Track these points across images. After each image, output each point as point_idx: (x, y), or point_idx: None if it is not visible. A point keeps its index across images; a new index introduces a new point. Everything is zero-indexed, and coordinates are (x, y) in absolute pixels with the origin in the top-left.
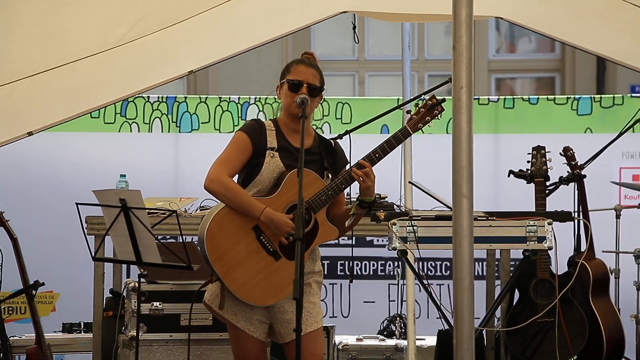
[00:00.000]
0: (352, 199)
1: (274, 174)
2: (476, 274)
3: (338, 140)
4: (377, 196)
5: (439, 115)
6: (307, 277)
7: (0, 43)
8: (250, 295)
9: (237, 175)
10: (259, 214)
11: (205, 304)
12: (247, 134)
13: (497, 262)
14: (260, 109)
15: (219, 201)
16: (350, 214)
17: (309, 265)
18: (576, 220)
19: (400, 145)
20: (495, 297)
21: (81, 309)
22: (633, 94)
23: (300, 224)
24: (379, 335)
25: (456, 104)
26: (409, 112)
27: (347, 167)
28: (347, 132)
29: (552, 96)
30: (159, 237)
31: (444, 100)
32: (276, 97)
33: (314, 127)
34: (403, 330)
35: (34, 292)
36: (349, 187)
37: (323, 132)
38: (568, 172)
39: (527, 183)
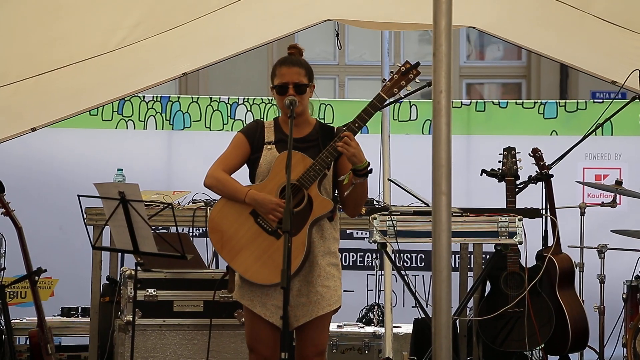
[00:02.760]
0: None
1: (271, 164)
2: (454, 265)
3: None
4: (367, 164)
5: (417, 79)
6: (318, 258)
7: (6, 45)
8: (258, 276)
9: (244, 172)
10: (244, 197)
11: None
12: (244, 133)
13: (469, 255)
14: (248, 109)
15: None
16: (340, 179)
17: (319, 245)
18: (544, 217)
19: (379, 144)
20: (468, 289)
21: (79, 295)
22: (595, 100)
23: (288, 218)
24: (358, 323)
25: (436, 107)
26: (383, 80)
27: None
28: (348, 126)
29: (520, 100)
30: (154, 228)
31: (418, 64)
32: (262, 98)
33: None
34: (380, 318)
35: (36, 278)
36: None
37: None
38: (536, 171)
39: (498, 181)
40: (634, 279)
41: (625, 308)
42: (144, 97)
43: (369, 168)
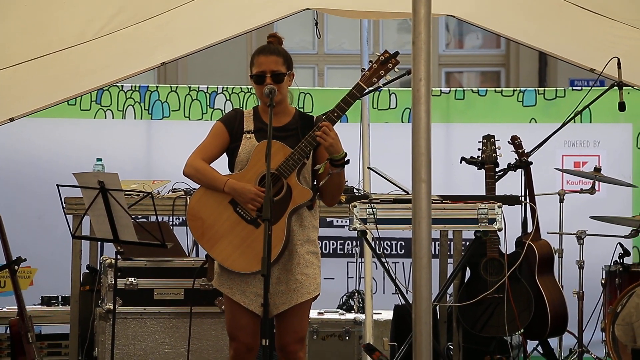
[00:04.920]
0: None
1: (250, 153)
2: (434, 252)
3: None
4: (344, 154)
5: (396, 68)
6: (297, 246)
7: None
8: (237, 265)
9: (223, 161)
10: (223, 186)
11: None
12: (223, 122)
13: (449, 242)
14: (228, 98)
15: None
16: (315, 168)
17: (299, 234)
18: (523, 204)
19: (359, 133)
20: (448, 275)
21: (58, 284)
22: (573, 87)
23: (268, 206)
24: (338, 310)
25: (415, 95)
26: (362, 69)
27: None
28: (327, 115)
29: (500, 88)
30: (134, 217)
31: (397, 53)
32: (241, 87)
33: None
34: (361, 305)
35: (16, 267)
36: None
37: None
38: (516, 159)
39: (477, 169)
40: (612, 264)
41: (604, 293)
42: (122, 86)
43: (346, 158)
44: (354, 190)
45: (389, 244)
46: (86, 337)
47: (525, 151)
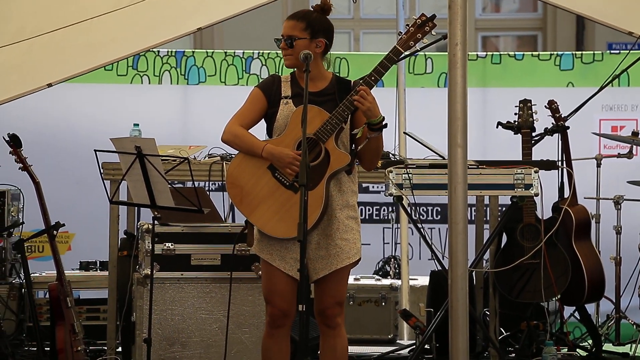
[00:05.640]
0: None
1: (288, 118)
2: (470, 218)
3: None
4: (382, 118)
5: (432, 31)
6: (336, 211)
7: (19, 1)
8: (276, 230)
9: (262, 127)
10: (261, 151)
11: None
12: (260, 88)
13: (486, 208)
14: (263, 63)
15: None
16: (353, 133)
17: (337, 198)
18: (560, 169)
19: (395, 98)
20: (485, 241)
21: (96, 249)
22: (611, 51)
23: (304, 171)
24: (374, 276)
25: (452, 59)
26: (399, 33)
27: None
28: (364, 79)
29: (537, 52)
30: (170, 182)
31: (434, 16)
32: (277, 52)
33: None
34: (397, 270)
35: (55, 232)
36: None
37: None
38: (552, 123)
39: (514, 134)
40: None
41: None
42: (158, 52)
43: (383, 122)
44: (390, 155)
45: (425, 209)
46: (124, 302)
47: (562, 116)
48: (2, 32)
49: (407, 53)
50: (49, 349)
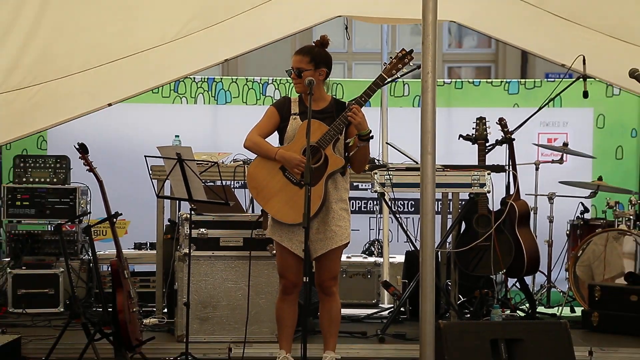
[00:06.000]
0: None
1: (295, 130)
2: (437, 209)
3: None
4: (370, 131)
5: (410, 62)
6: (332, 204)
7: (86, 37)
8: (286, 217)
9: (276, 137)
10: (274, 155)
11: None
12: (275, 106)
13: (449, 202)
14: (276, 87)
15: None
16: (347, 142)
17: (334, 194)
18: (507, 172)
19: (379, 115)
20: (448, 227)
21: (146, 233)
22: (548, 79)
23: (308, 172)
24: (362, 254)
25: (424, 85)
26: (384, 64)
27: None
28: (355, 100)
29: (490, 80)
30: (203, 181)
31: (412, 50)
32: (287, 78)
33: (330, 92)
34: (380, 250)
35: (114, 220)
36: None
37: None
38: (502, 136)
39: (472, 144)
40: (575, 219)
41: (568, 241)
42: (194, 78)
43: (370, 134)
44: (375, 160)
45: (402, 203)
46: (168, 274)
47: (509, 130)
48: (71, 64)
49: (389, 80)
50: (111, 309)
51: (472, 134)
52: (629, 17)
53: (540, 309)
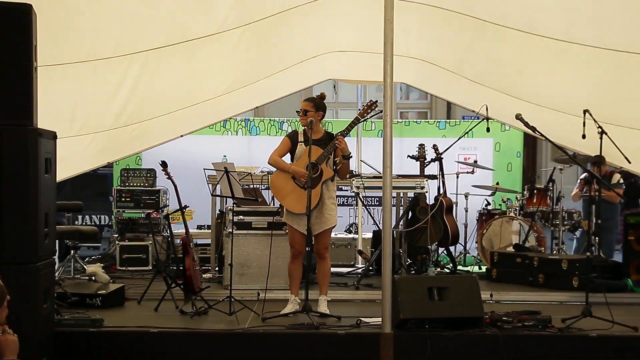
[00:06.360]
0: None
1: (301, 152)
2: (393, 203)
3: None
4: (350, 153)
5: (376, 108)
6: (325, 200)
7: (167, 92)
8: (295, 209)
9: (289, 156)
10: (288, 169)
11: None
12: (288, 137)
13: (401, 198)
14: (289, 125)
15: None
16: (335, 160)
17: (326, 194)
18: (438, 179)
19: (356, 142)
20: (400, 215)
21: (204, 219)
22: (464, 119)
23: (310, 179)
24: (345, 233)
25: (385, 123)
26: (359, 109)
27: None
28: (340, 133)
29: (427, 120)
30: (242, 185)
31: (376, 101)
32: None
33: (324, 127)
34: (356, 230)
35: (184, 210)
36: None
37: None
38: (435, 156)
39: (416, 161)
40: (481, 209)
41: (477, 224)
42: (236, 118)
43: (350, 155)
44: (353, 171)
45: (371, 199)
46: (218, 245)
47: (440, 152)
48: (157, 110)
49: (362, 120)
50: (181, 268)
51: (416, 155)
52: (515, 81)
53: (460, 267)
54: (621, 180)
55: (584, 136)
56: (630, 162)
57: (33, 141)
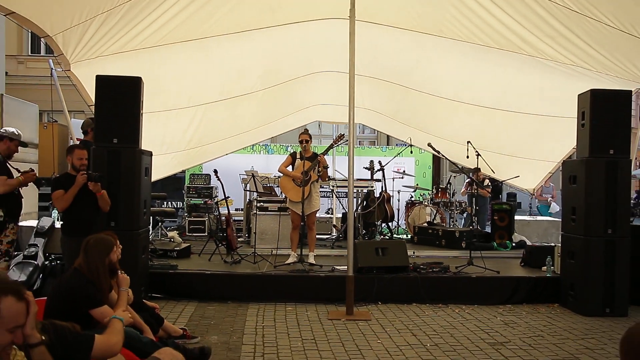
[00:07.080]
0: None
1: (299, 165)
2: (354, 196)
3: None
4: (327, 165)
5: (343, 138)
6: (313, 193)
7: (219, 128)
8: (295, 198)
9: (290, 166)
10: (291, 175)
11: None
12: (290, 155)
13: (360, 193)
14: (293, 148)
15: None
16: (318, 169)
17: (313, 189)
18: (382, 182)
19: (332, 159)
20: (358, 203)
21: (239, 205)
22: (397, 145)
23: (303, 181)
24: (325, 214)
25: (349, 147)
26: (333, 138)
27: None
28: (322, 153)
29: (375, 145)
30: (263, 184)
31: (344, 134)
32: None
33: (312, 149)
34: (332, 213)
35: (227, 199)
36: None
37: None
38: (379, 167)
39: (367, 170)
40: (409, 200)
41: (406, 209)
42: (259, 143)
43: (327, 166)
44: (330, 177)
45: (341, 193)
46: (248, 221)
47: (383, 165)
48: (211, 139)
49: (335, 145)
50: (225, 235)
51: (368, 167)
52: (427, 123)
53: (395, 235)
54: (489, 183)
55: (467, 157)
56: (494, 172)
57: (138, 157)
